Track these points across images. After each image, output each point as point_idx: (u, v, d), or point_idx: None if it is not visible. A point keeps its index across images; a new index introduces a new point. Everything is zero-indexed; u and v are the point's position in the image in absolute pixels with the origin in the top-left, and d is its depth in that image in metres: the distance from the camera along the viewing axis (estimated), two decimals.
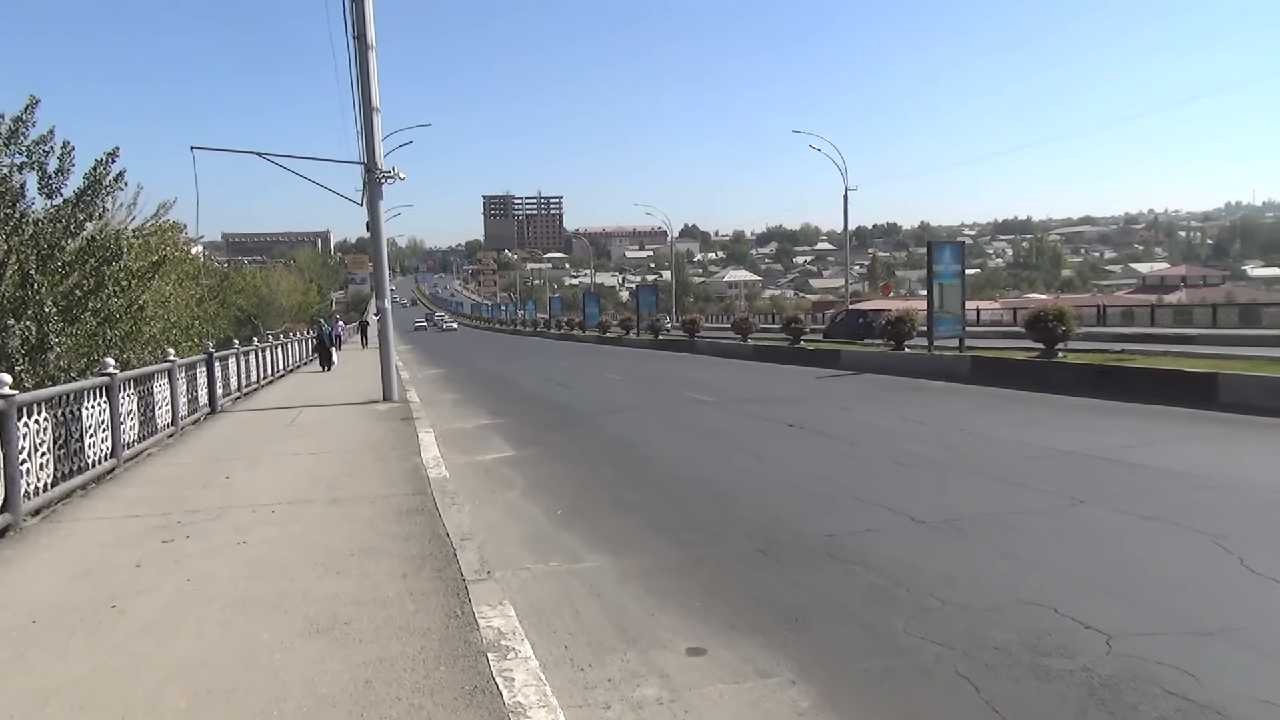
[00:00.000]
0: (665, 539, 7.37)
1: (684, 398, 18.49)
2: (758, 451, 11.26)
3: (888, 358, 22.95)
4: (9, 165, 15.26)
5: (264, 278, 65.43)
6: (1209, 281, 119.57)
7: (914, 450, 10.83)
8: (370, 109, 16.08)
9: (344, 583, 5.43)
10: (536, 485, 9.89)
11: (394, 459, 10.26)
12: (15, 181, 15.36)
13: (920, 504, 8.02)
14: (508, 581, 6.23)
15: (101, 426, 9.33)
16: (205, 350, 16.40)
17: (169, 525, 7.07)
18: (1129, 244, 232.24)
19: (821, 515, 7.87)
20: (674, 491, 9.21)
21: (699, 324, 41.69)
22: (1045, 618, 5.18)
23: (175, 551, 6.31)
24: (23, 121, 15.44)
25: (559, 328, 73.48)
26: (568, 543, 7.42)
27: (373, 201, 16.88)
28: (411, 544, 6.32)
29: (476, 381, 26.20)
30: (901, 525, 7.43)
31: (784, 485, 9.21)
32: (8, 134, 15.16)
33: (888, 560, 6.44)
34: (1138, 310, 42.19)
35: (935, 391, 17.52)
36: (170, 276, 25.79)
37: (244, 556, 6.15)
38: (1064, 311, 18.83)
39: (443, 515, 7.09)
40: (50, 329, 14.96)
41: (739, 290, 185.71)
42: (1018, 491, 8.46)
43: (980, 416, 13.71)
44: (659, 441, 12.65)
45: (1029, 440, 11.17)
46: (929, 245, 22.96)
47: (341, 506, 7.67)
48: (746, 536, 7.31)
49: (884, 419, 13.83)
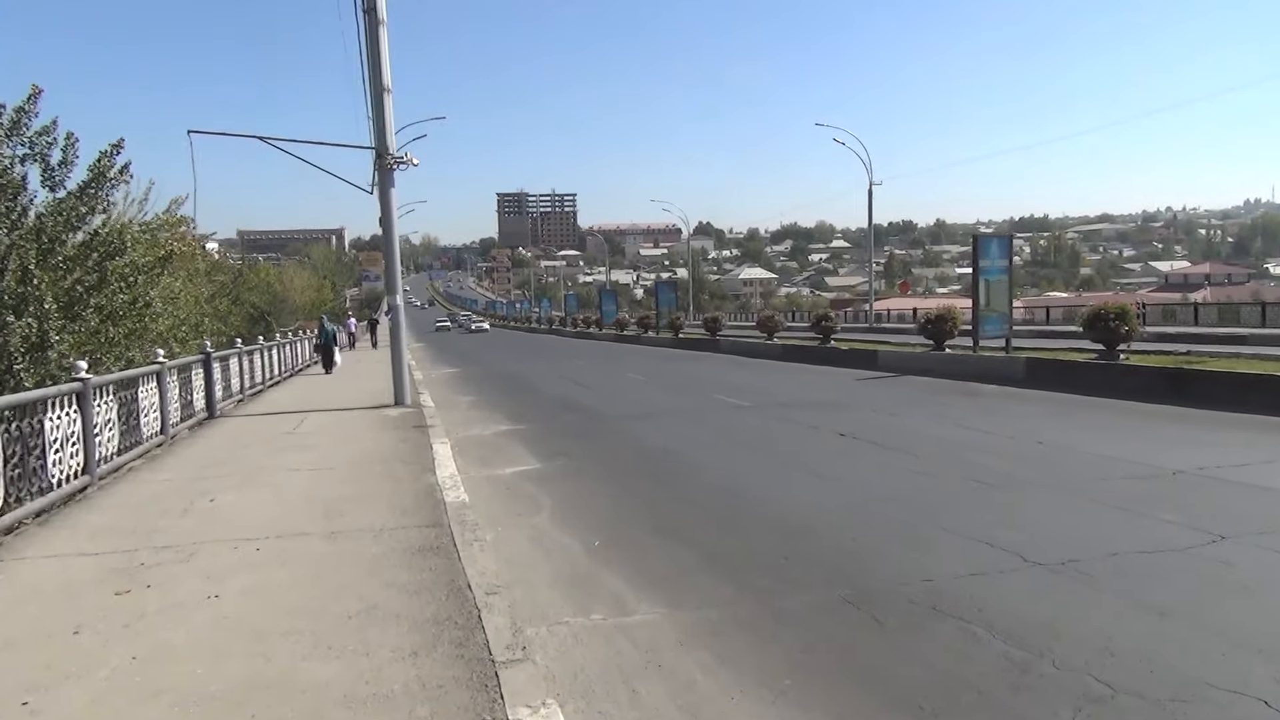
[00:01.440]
0: (728, 582, 6.13)
1: (716, 401, 17.23)
2: (813, 466, 9.99)
3: (930, 359, 21.61)
4: (10, 157, 14.58)
5: (278, 275, 64.38)
6: (1234, 280, 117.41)
7: (990, 466, 9.53)
8: (381, 89, 14.81)
9: (336, 665, 4.15)
10: (566, 506, 8.67)
11: (405, 477, 9.02)
12: (17, 174, 14.72)
13: (1024, 538, 6.76)
14: (544, 643, 5.01)
15: (70, 440, 8.14)
16: (202, 350, 15.22)
17: (130, 568, 5.84)
18: (1148, 242, 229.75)
19: (910, 551, 6.61)
20: (726, 516, 7.95)
21: (721, 322, 40.36)
22: (1255, 714, 3.92)
23: (128, 609, 5.06)
24: (25, 112, 14.79)
25: (575, 325, 72.25)
26: (611, 585, 6.19)
27: (384, 189, 15.62)
28: (425, 600, 5.06)
29: (493, 382, 25.02)
30: (1012, 567, 6.16)
31: (852, 509, 7.93)
32: (9, 125, 14.47)
33: (1013, 618, 5.18)
34: (1180, 309, 40.52)
35: (990, 396, 16.19)
36: (180, 272, 25.05)
37: (212, 617, 4.90)
38: (1126, 310, 17.44)
39: (463, 557, 5.83)
40: (51, 326, 14.21)
41: (754, 288, 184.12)
42: (1137, 522, 7.17)
43: (1051, 425, 12.37)
44: (699, 453, 11.40)
45: (1122, 455, 9.86)
46: (975, 239, 21.59)
47: (341, 542, 6.41)
48: (826, 580, 6.06)
49: (943, 428, 12.53)
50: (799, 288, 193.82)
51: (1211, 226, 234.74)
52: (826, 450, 11.13)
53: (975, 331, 20.74)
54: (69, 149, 15.53)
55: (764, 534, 7.29)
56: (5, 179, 14.57)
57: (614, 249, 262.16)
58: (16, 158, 14.74)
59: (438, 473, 9.07)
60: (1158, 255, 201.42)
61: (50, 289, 14.71)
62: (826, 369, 23.95)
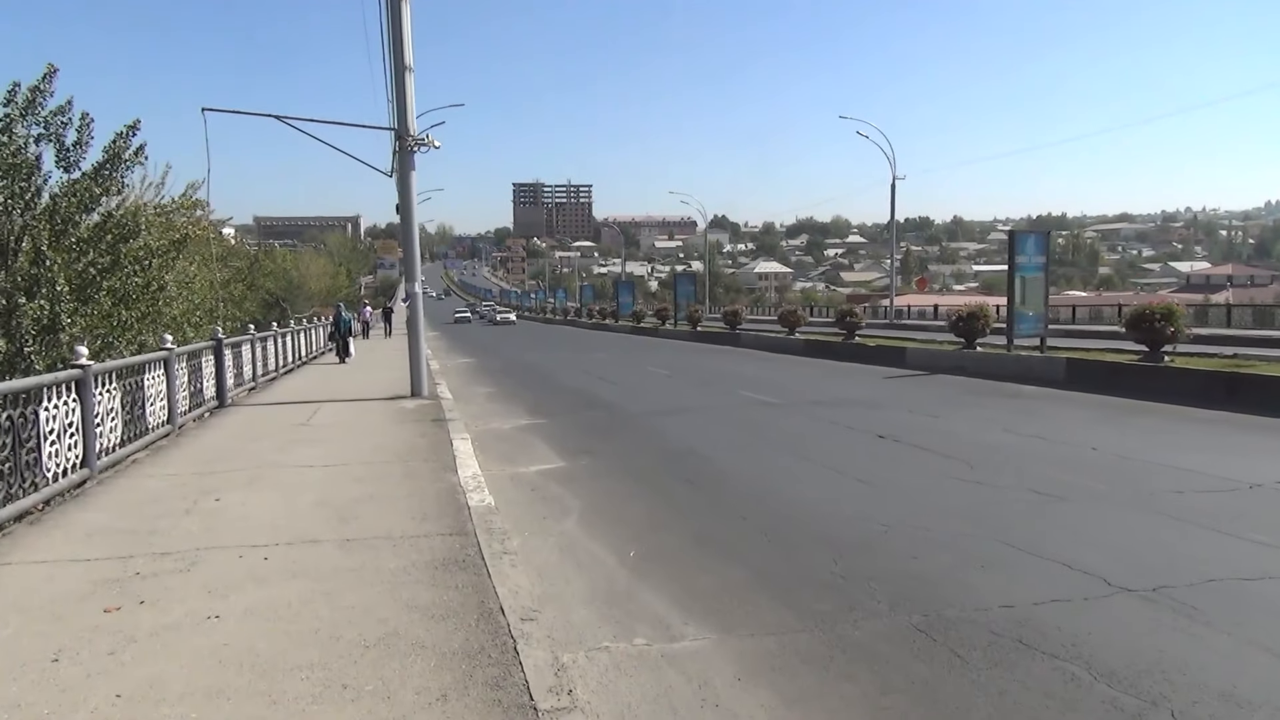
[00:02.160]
0: (782, 603, 5.54)
1: (743, 398, 16.61)
2: (858, 472, 9.35)
3: (962, 357, 20.90)
4: (25, 137, 14.27)
5: (294, 261, 63.94)
6: (1256, 281, 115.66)
7: (1050, 475, 8.88)
8: (403, 67, 14.16)
9: (352, 711, 3.53)
10: (596, 511, 8.09)
11: (425, 475, 8.43)
12: (31, 154, 14.41)
13: (1105, 559, 6.14)
14: (583, 673, 4.44)
15: (69, 431, 7.60)
16: (213, 336, 14.69)
17: (123, 578, 5.26)
18: (1167, 242, 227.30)
19: (981, 572, 6.00)
20: (770, 525, 7.35)
21: (741, 315, 39.68)
22: None
23: (117, 631, 4.47)
24: (40, 91, 14.59)
25: (591, 316, 71.68)
26: (652, 605, 5.61)
27: (404, 172, 15.00)
28: (452, 627, 4.45)
29: (511, 373, 24.47)
30: (1098, 593, 5.55)
31: (909, 522, 7.28)
32: (24, 104, 14.22)
33: (1114, 656, 4.58)
34: (1212, 310, 39.60)
35: (1031, 398, 15.49)
36: (195, 256, 24.65)
37: (211, 645, 4.31)
38: (1173, 310, 16.73)
39: (492, 574, 5.23)
40: (63, 309, 13.85)
41: (769, 282, 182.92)
42: (1226, 543, 6.53)
43: (1106, 431, 11.69)
44: (732, 454, 10.78)
45: (1189, 465, 9.19)
46: (1011, 234, 20.82)
47: (357, 552, 5.82)
48: (892, 604, 5.46)
49: (989, 432, 11.88)
50: (814, 283, 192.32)
51: (1232, 228, 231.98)
52: (869, 454, 10.49)
53: (1010, 330, 20.02)
54: (84, 129, 15.20)
55: (814, 548, 6.69)
56: (19, 159, 14.25)
57: (629, 240, 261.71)
58: (31, 138, 14.43)
59: (460, 472, 8.48)
60: (1177, 256, 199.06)
61: (63, 271, 14.37)
62: (852, 366, 23.26)
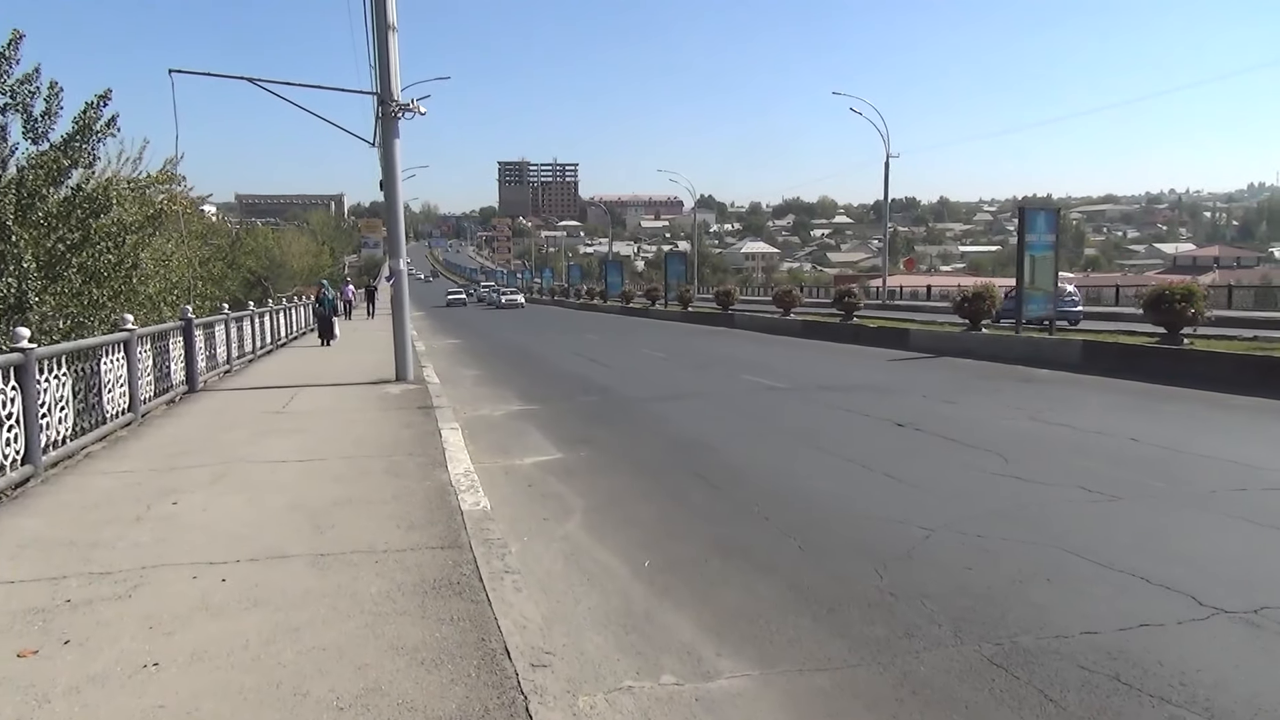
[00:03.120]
0: (829, 628, 4.77)
1: (746, 382, 15.82)
2: (883, 466, 8.55)
3: (968, 339, 20.18)
4: None
5: (276, 239, 62.49)
6: (1243, 263, 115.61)
7: (1095, 470, 8.12)
8: (385, 26, 13.11)
9: None
10: (601, 510, 7.29)
11: (412, 472, 7.58)
12: None
13: (1187, 572, 5.40)
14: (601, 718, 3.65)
15: (7, 423, 6.71)
16: (182, 316, 13.75)
17: (50, 608, 4.38)
18: (1152, 224, 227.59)
19: (1049, 590, 5.24)
20: (798, 529, 6.55)
21: (735, 296, 38.85)
22: None
23: (28, 686, 3.57)
24: (5, 59, 13.68)
25: (578, 296, 70.66)
26: (676, 629, 4.83)
27: (387, 141, 13.99)
28: (447, 677, 3.60)
29: (498, 355, 23.61)
30: (1190, 615, 4.81)
31: (955, 527, 6.47)
32: None
33: (1231, 698, 3.88)
34: (1212, 292, 38.98)
35: (1048, 382, 14.76)
36: (172, 233, 23.71)
37: (142, 709, 3.37)
38: (1193, 290, 16.04)
39: (493, 601, 4.37)
40: (30, 286, 12.98)
41: (756, 262, 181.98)
42: None
43: (1139, 420, 10.96)
44: (743, 445, 9.99)
45: (1246, 459, 8.47)
46: (1021, 212, 20.05)
47: (333, 571, 4.95)
48: (954, 628, 4.69)
49: (1014, 420, 11.12)
50: (801, 263, 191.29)
51: (1216, 209, 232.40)
52: (891, 445, 9.71)
53: (1019, 311, 19.28)
54: (53, 99, 14.34)
55: (851, 556, 5.91)
56: None
57: (615, 220, 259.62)
58: None
59: (450, 469, 7.62)
60: (1162, 237, 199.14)
61: (30, 247, 13.51)
62: (854, 348, 22.51)
